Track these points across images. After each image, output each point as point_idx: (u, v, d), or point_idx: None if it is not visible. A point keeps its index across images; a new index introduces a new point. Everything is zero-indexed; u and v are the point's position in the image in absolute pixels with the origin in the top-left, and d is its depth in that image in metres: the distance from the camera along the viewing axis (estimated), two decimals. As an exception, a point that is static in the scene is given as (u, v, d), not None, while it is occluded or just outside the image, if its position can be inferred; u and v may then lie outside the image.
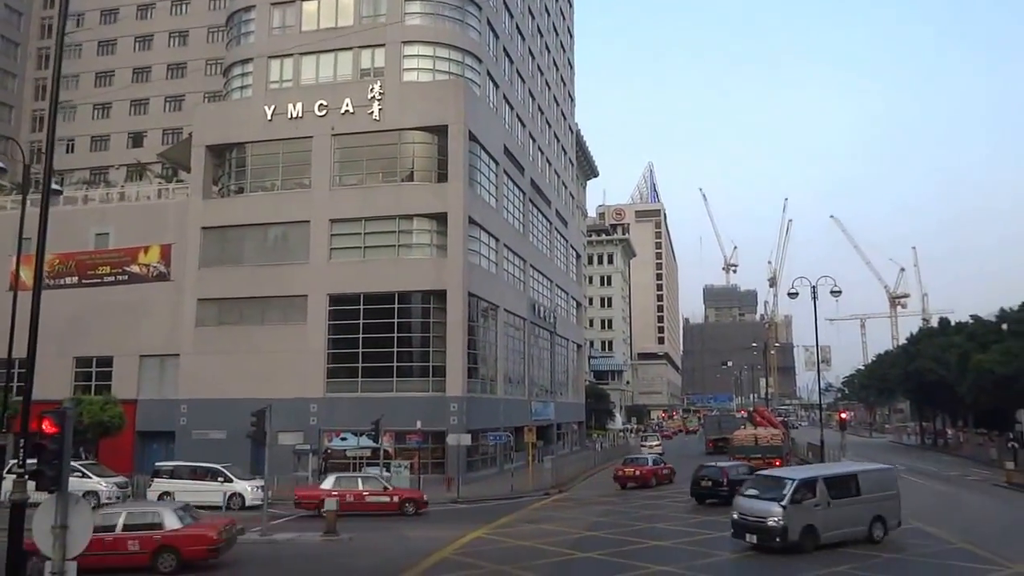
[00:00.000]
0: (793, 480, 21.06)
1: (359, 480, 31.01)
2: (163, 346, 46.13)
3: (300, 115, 45.57)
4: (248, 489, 31.67)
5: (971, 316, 72.93)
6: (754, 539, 20.53)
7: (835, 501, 20.91)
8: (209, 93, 64.57)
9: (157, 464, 34.80)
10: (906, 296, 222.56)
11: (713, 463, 34.80)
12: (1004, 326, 58.60)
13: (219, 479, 31.92)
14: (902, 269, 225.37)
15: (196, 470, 32.98)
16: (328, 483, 30.12)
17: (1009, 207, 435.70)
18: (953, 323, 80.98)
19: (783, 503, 20.24)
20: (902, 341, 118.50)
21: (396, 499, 29.97)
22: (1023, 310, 59.88)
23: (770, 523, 20.14)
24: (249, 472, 35.11)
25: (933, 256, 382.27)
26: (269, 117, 45.94)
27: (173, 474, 32.81)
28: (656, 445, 68.37)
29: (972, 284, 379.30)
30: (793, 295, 48.17)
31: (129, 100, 70.45)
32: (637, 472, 39.35)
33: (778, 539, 20.00)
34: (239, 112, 47.34)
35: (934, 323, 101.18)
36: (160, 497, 31.36)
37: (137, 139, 70.06)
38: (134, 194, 52.34)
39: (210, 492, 30.97)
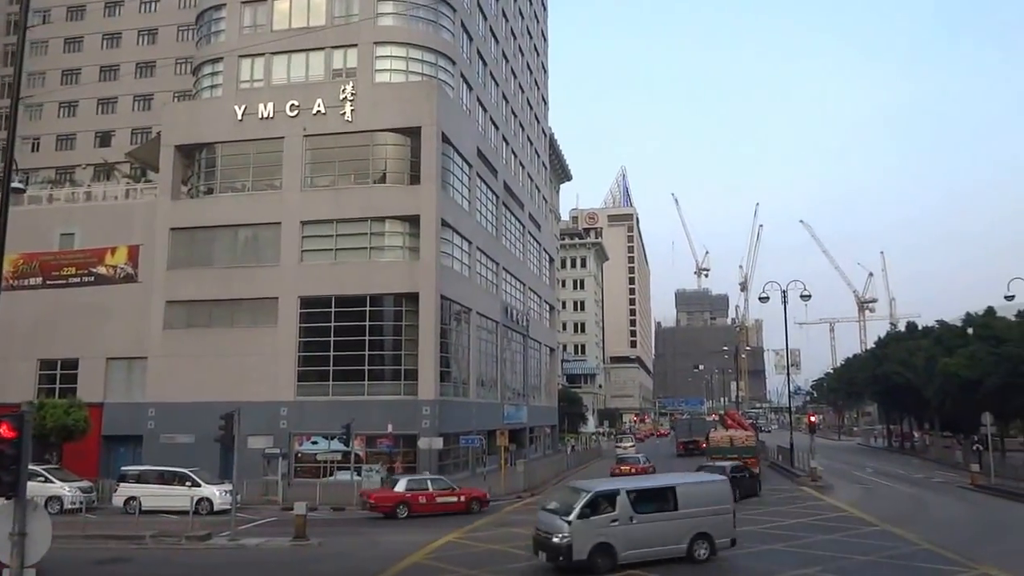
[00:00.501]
0: (587, 492, 19.17)
1: (428, 482, 31.76)
2: (130, 349, 45.43)
3: (271, 115, 45.14)
4: (216, 493, 31.20)
5: (937, 321, 74.10)
6: (544, 556, 18.91)
7: (642, 516, 18.95)
8: (179, 92, 63.70)
9: (123, 468, 34.19)
10: (874, 301, 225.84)
11: (712, 463, 37.13)
12: (969, 331, 59.46)
13: (187, 483, 31.40)
14: (870, 274, 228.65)
15: (163, 474, 32.45)
16: (401, 486, 30.78)
17: (976, 213, 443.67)
18: (920, 327, 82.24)
19: (569, 518, 18.48)
20: (870, 345, 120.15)
21: (463, 499, 31.19)
22: (988, 315, 60.84)
23: (555, 540, 18.46)
24: (218, 476, 34.63)
25: (902, 261, 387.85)
26: (240, 117, 45.45)
27: (140, 478, 32.24)
28: (630, 446, 70.31)
29: (939, 289, 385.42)
30: (764, 299, 48.68)
31: (96, 99, 69.25)
32: (632, 470, 43.43)
33: (561, 558, 18.30)
34: (209, 112, 46.78)
35: (901, 327, 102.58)
36: (126, 503, 30.81)
37: (105, 138, 68.90)
38: (101, 194, 51.45)
39: (177, 497, 30.44)
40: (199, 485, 31.41)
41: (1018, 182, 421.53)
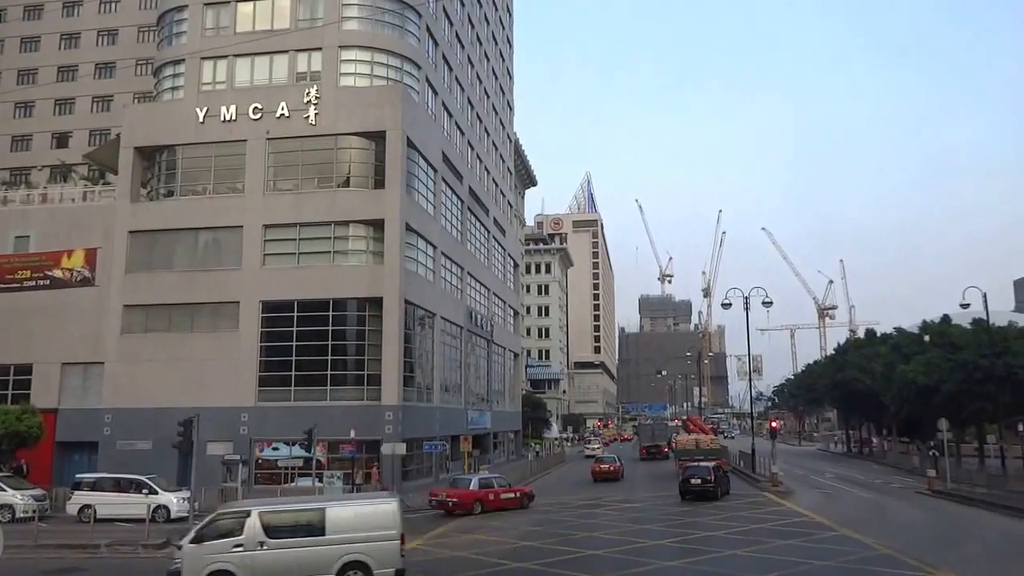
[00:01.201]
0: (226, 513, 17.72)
1: (494, 480, 35.27)
2: (87, 354, 44.48)
3: (233, 118, 44.62)
4: (174, 501, 30.66)
5: (895, 328, 75.44)
6: None
7: (277, 541, 17.02)
8: (139, 94, 62.72)
9: (78, 476, 33.41)
10: (834, 308, 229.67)
11: (696, 463, 39.23)
12: (926, 338, 60.64)
13: (143, 491, 30.80)
14: (830, 281, 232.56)
15: (119, 482, 31.81)
16: (475, 484, 33.62)
17: (935, 222, 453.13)
18: (879, 334, 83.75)
19: (181, 543, 17.11)
20: (830, 351, 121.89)
21: (518, 495, 34.73)
22: (944, 323, 62.13)
23: (173, 567, 17.14)
24: (176, 483, 34.05)
25: (861, 269, 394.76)
26: (201, 119, 44.87)
27: (95, 486, 31.52)
28: (597, 448, 78.70)
29: (898, 297, 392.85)
30: (726, 306, 49.19)
31: (54, 99, 67.92)
32: (610, 468, 49.34)
33: None
34: (170, 114, 46.08)
35: (860, 334, 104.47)
36: (80, 511, 30.10)
37: (62, 139, 67.58)
38: (57, 196, 50.36)
39: (134, 505, 29.79)
40: (156, 492, 30.84)
41: (974, 193, 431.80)
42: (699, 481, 35.64)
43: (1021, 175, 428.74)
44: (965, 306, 41.73)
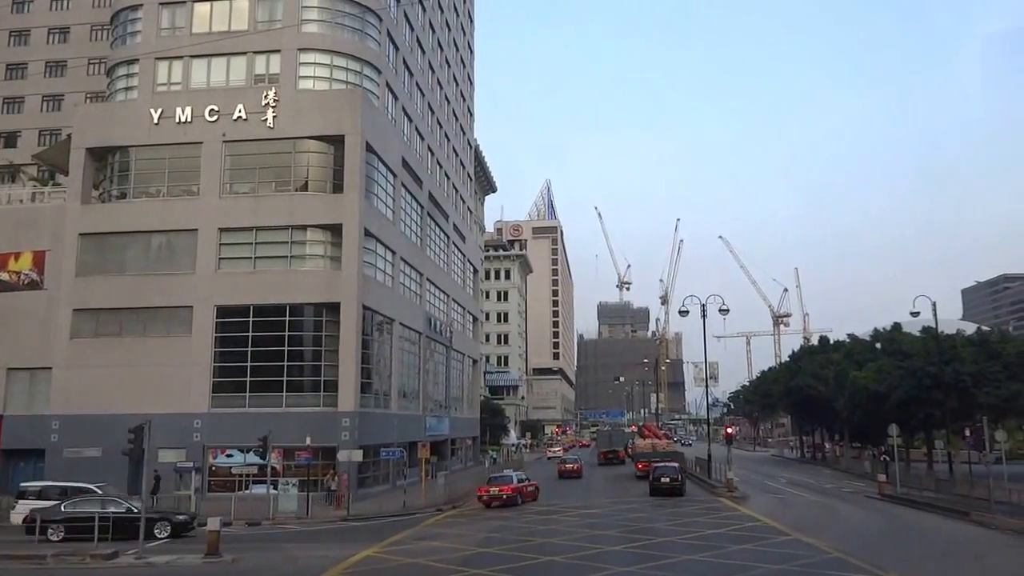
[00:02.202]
0: None
1: (523, 476, 41.19)
2: (34, 358, 43.40)
3: (189, 120, 43.92)
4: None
5: (848, 335, 77.11)
6: None
7: None
8: (91, 93, 61.46)
9: (23, 484, 32.61)
10: (789, 315, 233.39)
11: (664, 464, 44.48)
12: (878, 345, 62.01)
13: (91, 500, 29.99)
14: (785, 289, 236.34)
15: (66, 490, 30.90)
16: (515, 480, 38.97)
17: (885, 231, 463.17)
18: (832, 342, 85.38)
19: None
20: (785, 358, 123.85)
21: (535, 488, 40.78)
22: (895, 330, 63.57)
23: None
24: (126, 492, 33.24)
25: (815, 277, 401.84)
26: (156, 120, 44.09)
27: (41, 494, 30.72)
28: (559, 450, 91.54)
29: (851, 304, 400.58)
30: (684, 313, 49.62)
31: (2, 98, 66.30)
32: (575, 467, 57.42)
33: None
34: (123, 114, 45.20)
35: (814, 341, 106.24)
36: (25, 520, 29.22)
37: (10, 139, 65.89)
38: (5, 197, 49.12)
39: (81, 514, 29.01)
40: (105, 501, 30.03)
41: (926, 203, 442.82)
42: (668, 480, 40.79)
43: (970, 188, 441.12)
44: (915, 314, 42.71)
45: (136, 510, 27.44)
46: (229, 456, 41.08)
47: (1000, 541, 26.05)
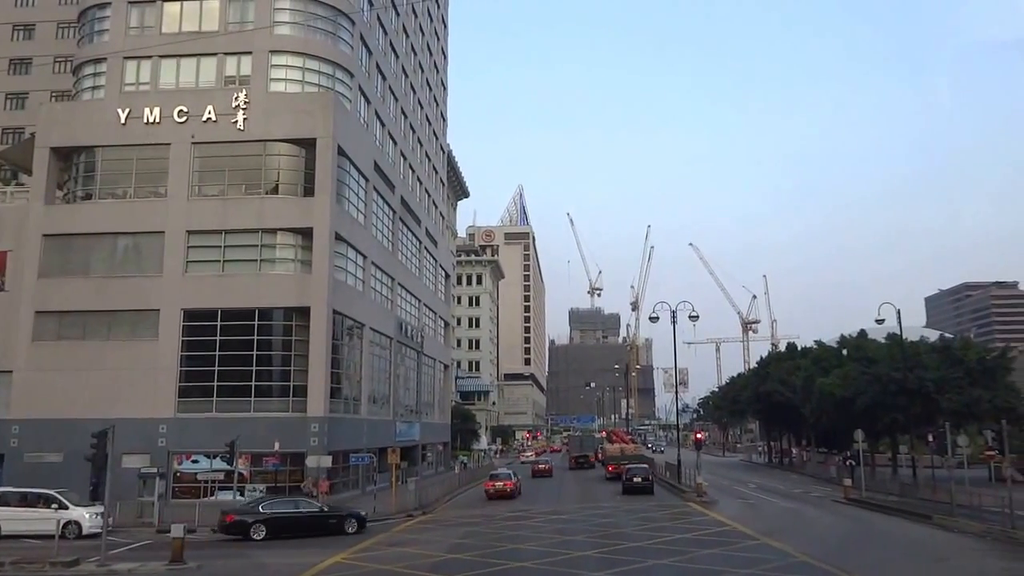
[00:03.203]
0: None
1: (517, 473, 47.53)
2: (-7, 362, 42.45)
3: (157, 120, 43.37)
4: (86, 516, 29.40)
5: (815, 342, 77.90)
6: None
7: None
8: (57, 92, 60.44)
9: (-19, 490, 31.76)
10: (757, 322, 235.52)
11: (635, 465, 49.87)
12: (844, 352, 62.77)
13: (52, 506, 29.44)
14: (754, 296, 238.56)
15: (26, 496, 30.36)
16: (513, 476, 45.18)
17: (854, 238, 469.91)
18: (800, 348, 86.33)
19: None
20: (753, 364, 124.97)
21: (520, 483, 45.80)
22: (861, 337, 64.40)
23: None
24: (88, 498, 32.62)
25: (784, 284, 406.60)
26: (123, 121, 43.50)
27: (-1, 500, 30.02)
28: (531, 455, 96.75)
29: (819, 311, 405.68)
30: (654, 319, 49.92)
31: (-36, 95, 64.93)
32: (546, 467, 65.19)
33: None
34: (90, 114, 44.52)
35: (782, 348, 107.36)
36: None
37: (-28, 137, 64.56)
38: (-34, 196, 48.12)
39: (41, 520, 28.49)
40: (67, 507, 29.53)
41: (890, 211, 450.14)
42: (640, 479, 45.76)
43: (934, 201, 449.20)
44: (880, 321, 43.29)
45: (327, 510, 30.38)
46: (195, 462, 40.53)
47: (961, 544, 26.46)
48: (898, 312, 43.08)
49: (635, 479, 45.69)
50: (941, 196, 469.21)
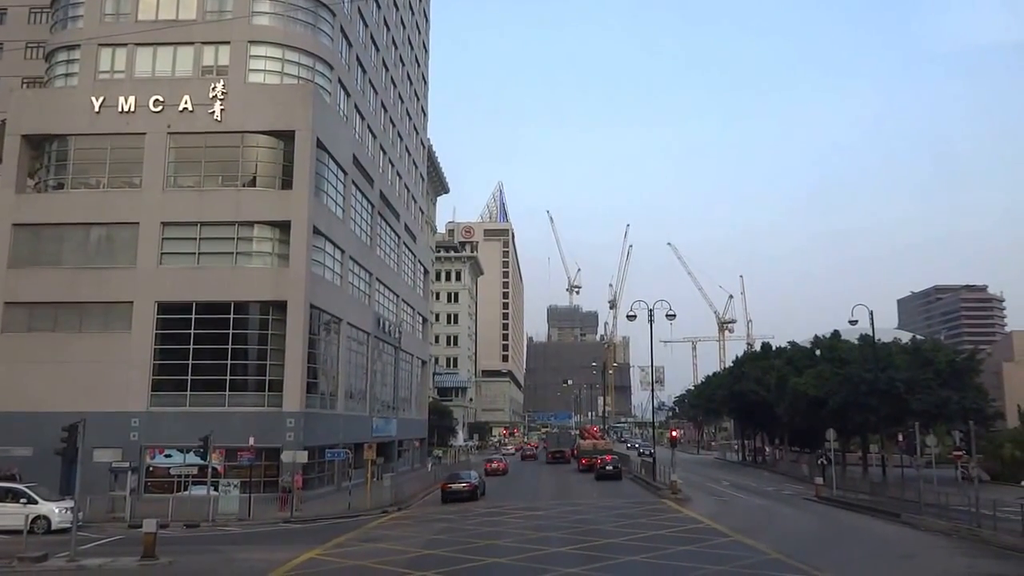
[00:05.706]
0: None
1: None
2: (-39, 353, 41.73)
3: (132, 109, 42.83)
4: (56, 511, 28.98)
5: (789, 342, 78.63)
6: None
7: None
8: (28, 78, 59.31)
9: (-52, 484, 31.22)
10: (733, 322, 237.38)
11: (606, 456, 60.25)
12: (817, 352, 63.37)
13: (21, 500, 28.93)
14: (730, 296, 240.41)
15: (-6, 490, 29.88)
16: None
17: (826, 243, 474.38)
18: (774, 348, 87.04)
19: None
20: (729, 364, 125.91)
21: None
22: (833, 338, 65.05)
23: None
24: (58, 492, 32.25)
25: (759, 284, 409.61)
26: (96, 109, 42.90)
27: (-33, 495, 29.51)
28: (512, 451, 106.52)
29: (792, 311, 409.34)
30: (631, 317, 50.17)
31: (-67, 81, 63.68)
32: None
33: None
34: (62, 101, 43.89)
35: (757, 347, 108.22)
36: None
37: (-59, 124, 63.35)
38: (-66, 184, 47.15)
39: (9, 515, 27.97)
40: (35, 502, 29.09)
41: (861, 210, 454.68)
42: (611, 468, 56.25)
43: (910, 204, 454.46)
44: (853, 322, 43.79)
45: None
46: (168, 456, 40.13)
47: (928, 541, 26.83)
48: (871, 314, 43.58)
49: (607, 467, 56.55)
50: (914, 200, 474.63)
